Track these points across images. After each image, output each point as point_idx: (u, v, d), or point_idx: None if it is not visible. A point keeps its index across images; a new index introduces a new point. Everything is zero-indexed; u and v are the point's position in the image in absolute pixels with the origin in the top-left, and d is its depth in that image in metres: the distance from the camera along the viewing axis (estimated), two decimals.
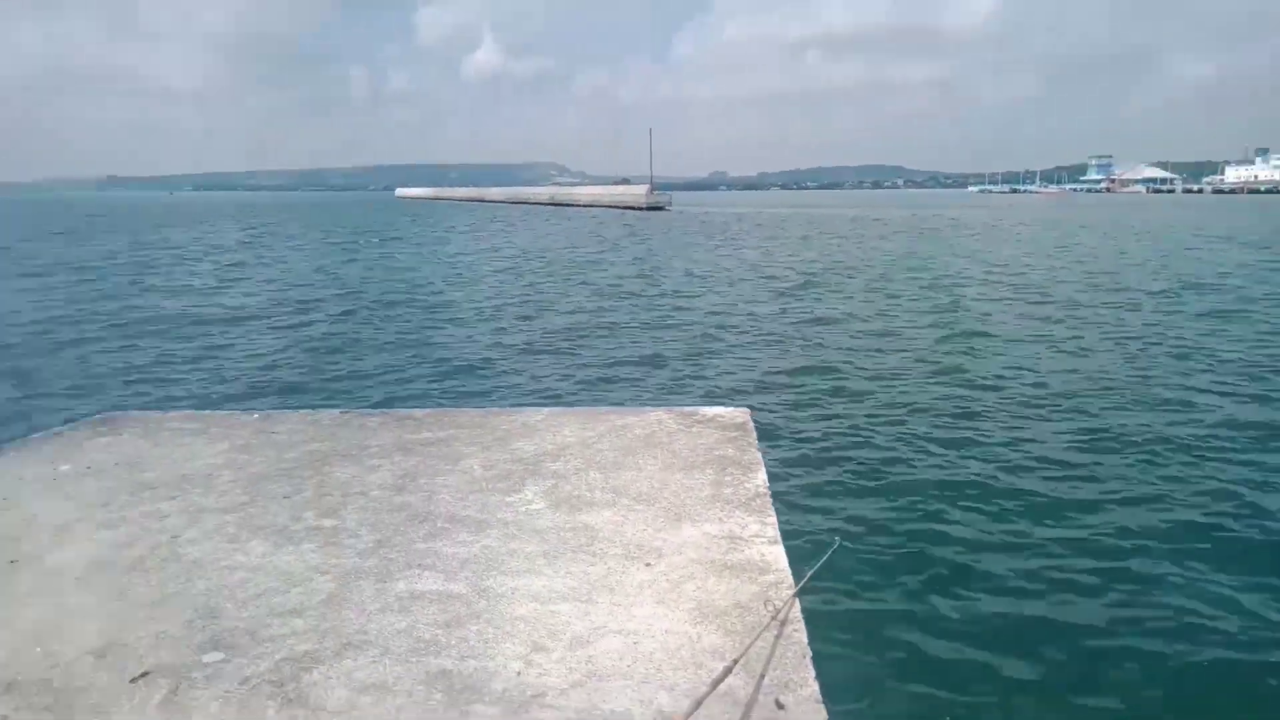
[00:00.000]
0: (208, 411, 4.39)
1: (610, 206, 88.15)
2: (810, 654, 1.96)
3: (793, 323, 14.98)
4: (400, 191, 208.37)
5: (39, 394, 10.17)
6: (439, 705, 1.76)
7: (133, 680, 1.86)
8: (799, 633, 2.04)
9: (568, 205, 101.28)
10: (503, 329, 14.74)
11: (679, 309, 16.78)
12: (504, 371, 11.32)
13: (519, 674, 1.86)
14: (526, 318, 15.93)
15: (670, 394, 9.82)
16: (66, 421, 4.19)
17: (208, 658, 1.95)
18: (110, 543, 2.60)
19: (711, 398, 9.40)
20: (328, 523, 2.74)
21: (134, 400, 9.83)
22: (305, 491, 3.03)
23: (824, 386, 9.98)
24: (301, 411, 4.27)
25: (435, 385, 10.57)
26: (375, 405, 9.21)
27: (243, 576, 2.36)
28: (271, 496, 2.98)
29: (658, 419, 3.94)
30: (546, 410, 4.23)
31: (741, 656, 1.86)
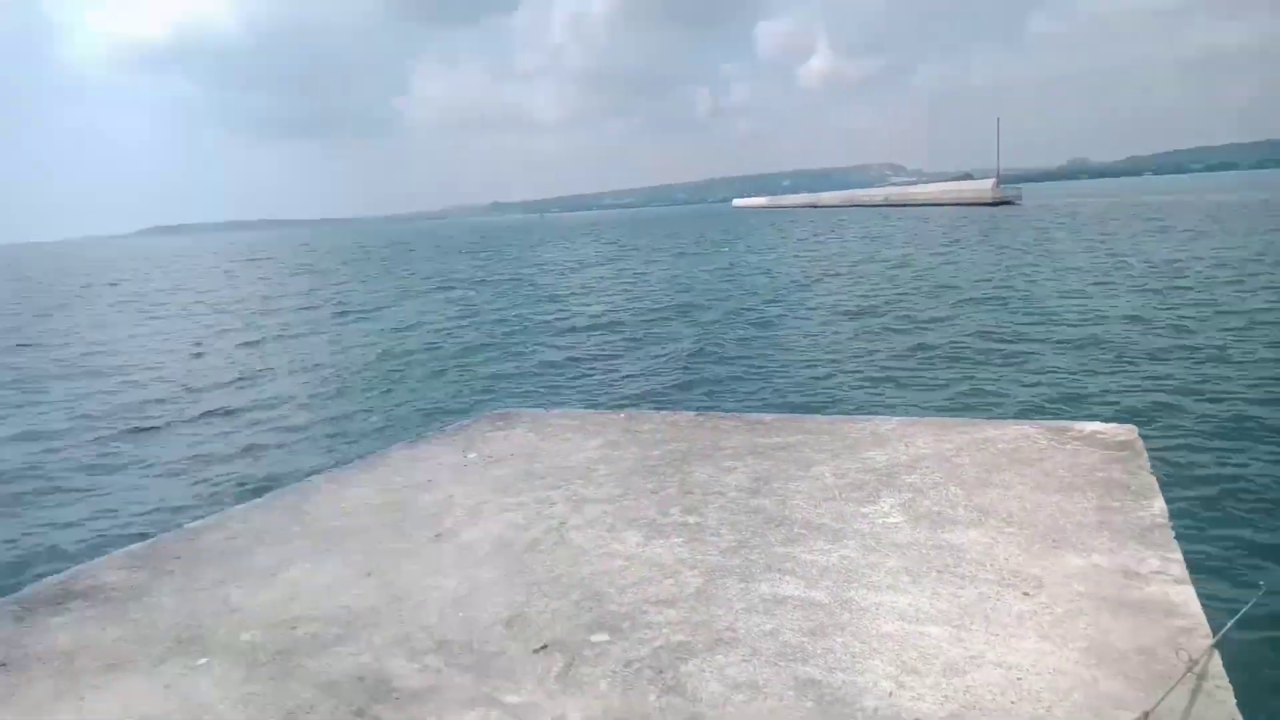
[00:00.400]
0: (582, 410, 4.87)
1: (951, 205, 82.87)
2: (1239, 719, 1.65)
3: (1190, 331, 12.79)
4: (737, 202, 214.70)
5: (450, 389, 12.06)
6: (810, 714, 1.75)
7: (535, 651, 2.10)
8: (1223, 691, 1.73)
9: (904, 205, 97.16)
10: (845, 335, 14.53)
11: (1040, 315, 15.25)
12: (850, 377, 11.13)
13: (890, 695, 1.80)
14: (869, 323, 15.54)
15: (1031, 409, 8.94)
16: (472, 415, 4.90)
17: (595, 637, 2.14)
18: (510, 524, 2.98)
19: (1084, 412, 8.39)
20: (691, 519, 2.89)
21: (522, 397, 11.26)
22: (669, 488, 3.22)
23: (1233, 409, 8.40)
24: (662, 412, 4.56)
25: (781, 389, 10.71)
26: (726, 408, 9.56)
27: (620, 564, 2.57)
28: (641, 491, 3.21)
29: (1023, 433, 3.60)
30: (896, 420, 4.06)
31: (1153, 710, 1.62)
